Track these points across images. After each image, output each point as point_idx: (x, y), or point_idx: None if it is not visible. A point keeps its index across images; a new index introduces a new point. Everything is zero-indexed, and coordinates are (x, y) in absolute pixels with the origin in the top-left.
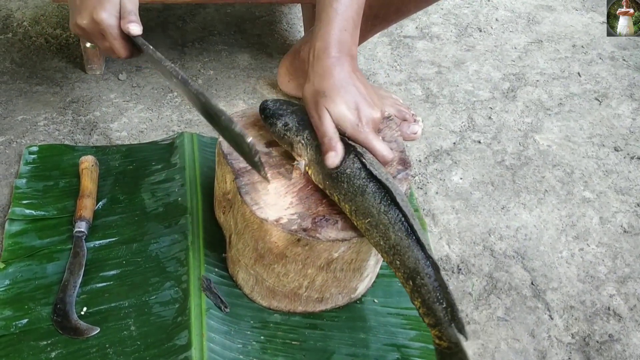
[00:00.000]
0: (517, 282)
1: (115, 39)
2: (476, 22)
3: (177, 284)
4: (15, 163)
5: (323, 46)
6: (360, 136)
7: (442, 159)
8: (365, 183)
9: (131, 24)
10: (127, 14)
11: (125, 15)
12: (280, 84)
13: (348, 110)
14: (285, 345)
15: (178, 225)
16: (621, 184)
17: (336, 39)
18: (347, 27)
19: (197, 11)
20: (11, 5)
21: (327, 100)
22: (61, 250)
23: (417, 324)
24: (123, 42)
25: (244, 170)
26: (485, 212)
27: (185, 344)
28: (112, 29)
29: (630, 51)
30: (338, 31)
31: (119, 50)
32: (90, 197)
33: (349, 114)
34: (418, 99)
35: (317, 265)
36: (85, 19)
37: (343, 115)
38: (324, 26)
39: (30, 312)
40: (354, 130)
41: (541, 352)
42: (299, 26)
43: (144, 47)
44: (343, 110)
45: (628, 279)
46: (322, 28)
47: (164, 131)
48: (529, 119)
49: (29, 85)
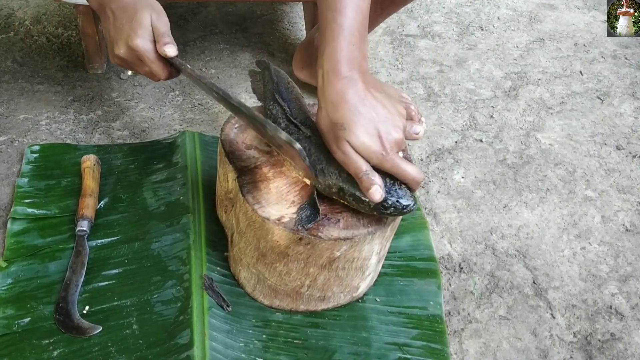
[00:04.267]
0: (519, 281)
1: (153, 63)
2: (478, 21)
3: (179, 282)
4: (17, 162)
5: (332, 67)
6: (387, 165)
7: (443, 158)
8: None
9: (166, 46)
10: (161, 37)
11: (159, 38)
12: (295, 70)
13: (370, 140)
14: (287, 344)
15: (180, 224)
16: (623, 182)
17: (345, 56)
18: (354, 42)
19: (199, 10)
20: (13, 4)
21: (346, 134)
22: (63, 249)
23: (419, 323)
24: (161, 65)
25: (246, 169)
26: (487, 210)
27: (187, 343)
28: (149, 54)
29: (632, 50)
30: (346, 48)
31: (158, 73)
32: (92, 196)
33: (372, 145)
34: (420, 98)
35: (319, 264)
36: (122, 48)
37: (367, 147)
38: (330, 44)
39: (33, 311)
40: (379, 161)
41: (543, 351)
42: (300, 25)
43: (182, 67)
44: (365, 141)
45: (630, 277)
46: (327, 47)
47: (166, 130)
48: (530, 117)
49: (30, 84)
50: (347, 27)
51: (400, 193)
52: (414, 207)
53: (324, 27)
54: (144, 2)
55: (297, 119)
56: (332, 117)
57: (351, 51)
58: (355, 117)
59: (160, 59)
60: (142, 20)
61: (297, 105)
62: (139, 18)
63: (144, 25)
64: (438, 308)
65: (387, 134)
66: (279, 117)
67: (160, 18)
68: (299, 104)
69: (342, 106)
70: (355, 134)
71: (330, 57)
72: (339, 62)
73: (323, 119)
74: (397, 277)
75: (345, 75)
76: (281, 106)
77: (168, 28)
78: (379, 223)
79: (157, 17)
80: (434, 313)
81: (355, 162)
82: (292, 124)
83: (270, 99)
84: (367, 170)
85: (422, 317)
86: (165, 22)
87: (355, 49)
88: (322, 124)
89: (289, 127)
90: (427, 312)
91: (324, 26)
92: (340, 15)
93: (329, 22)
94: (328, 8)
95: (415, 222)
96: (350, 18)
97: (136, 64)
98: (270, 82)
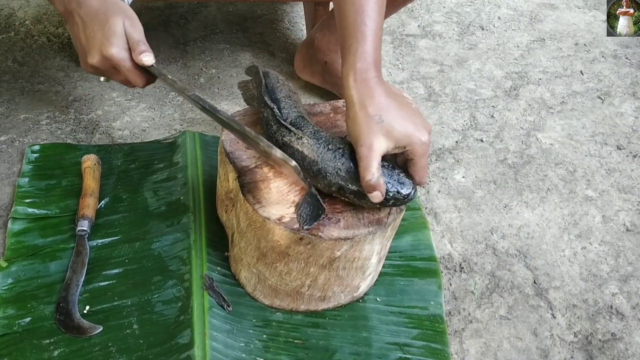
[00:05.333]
0: (519, 281)
1: (130, 71)
2: (478, 21)
3: (180, 282)
4: (17, 162)
5: (364, 67)
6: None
7: (444, 158)
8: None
9: (143, 54)
10: (137, 45)
11: (134, 47)
12: (297, 69)
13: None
14: (287, 344)
15: (180, 224)
16: (624, 182)
17: (374, 59)
18: (379, 46)
19: (199, 10)
20: (13, 4)
21: (384, 126)
22: (64, 249)
23: (420, 323)
24: (138, 72)
25: (247, 169)
26: (488, 210)
27: (188, 343)
28: (124, 62)
29: (633, 49)
30: (374, 50)
31: (135, 81)
32: (92, 196)
33: (412, 130)
34: (420, 98)
35: (320, 263)
36: (96, 57)
37: (405, 133)
38: (361, 45)
39: (33, 311)
40: (417, 145)
41: (544, 351)
42: (300, 24)
43: (161, 77)
44: (404, 129)
45: (630, 277)
46: (359, 47)
47: (166, 130)
48: (531, 117)
49: (31, 84)
50: (374, 30)
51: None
52: (414, 196)
53: (351, 28)
54: (115, 8)
55: (288, 120)
56: (369, 111)
57: (377, 55)
58: (393, 110)
59: (136, 67)
60: (114, 28)
61: (288, 104)
62: (112, 25)
63: (117, 33)
64: (439, 308)
65: (422, 125)
66: (270, 120)
67: (134, 24)
68: (290, 102)
69: (378, 100)
70: (393, 124)
71: (362, 58)
72: (371, 65)
73: (357, 114)
74: (397, 277)
75: (375, 75)
76: (270, 108)
77: (142, 35)
78: (379, 223)
79: (131, 23)
80: (435, 313)
81: (371, 162)
82: (282, 126)
83: (261, 102)
84: (374, 174)
85: (423, 317)
86: (139, 28)
87: (379, 53)
88: (356, 119)
89: (280, 129)
90: (427, 312)
91: (352, 27)
92: (369, 18)
93: (359, 24)
94: (356, 11)
95: (416, 222)
96: (376, 21)
97: (111, 72)
98: (260, 84)
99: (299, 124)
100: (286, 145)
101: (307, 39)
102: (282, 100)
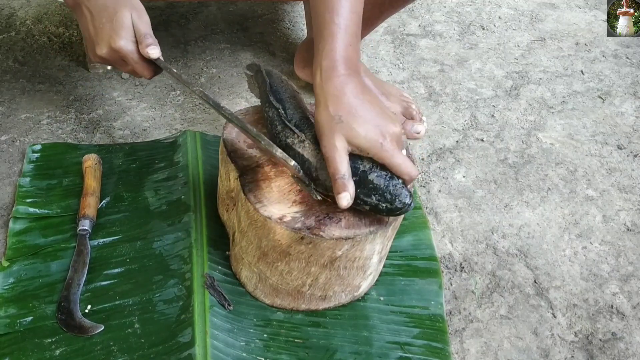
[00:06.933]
0: (520, 281)
1: (137, 63)
2: (479, 20)
3: (181, 281)
4: (18, 161)
5: (331, 65)
6: (385, 154)
7: (445, 157)
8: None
9: (149, 47)
10: (144, 38)
11: (141, 39)
12: (296, 69)
13: (369, 130)
14: (288, 343)
15: (181, 223)
16: (624, 182)
17: (343, 56)
18: (351, 42)
19: (200, 9)
20: (14, 3)
21: (344, 127)
22: (65, 248)
23: (420, 322)
24: (145, 64)
25: (248, 168)
26: (488, 210)
27: (189, 342)
28: (132, 54)
29: (633, 49)
30: (343, 48)
31: (142, 72)
32: (93, 195)
33: (372, 134)
34: (421, 97)
35: (321, 263)
36: (104, 48)
37: (364, 137)
38: (328, 43)
39: (35, 310)
40: (377, 150)
41: (544, 351)
42: (301, 24)
43: (167, 70)
44: (363, 131)
45: (631, 277)
46: (326, 45)
47: (167, 129)
48: (532, 117)
49: (31, 84)
50: (344, 28)
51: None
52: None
53: (321, 26)
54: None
55: (293, 120)
56: (331, 111)
57: (348, 51)
58: (353, 110)
59: (143, 59)
60: (123, 20)
61: (292, 104)
62: (120, 18)
63: (125, 26)
64: (439, 307)
65: (384, 126)
66: (274, 119)
67: (141, 17)
68: (294, 102)
69: (340, 100)
70: (352, 127)
71: (328, 57)
72: (338, 62)
73: (320, 113)
74: (398, 276)
75: (343, 73)
76: (276, 108)
77: (150, 28)
78: (380, 223)
79: (139, 16)
80: (435, 312)
81: (338, 162)
82: (287, 127)
83: (265, 101)
84: (344, 174)
85: (423, 317)
86: (147, 21)
87: (352, 49)
88: (321, 118)
89: (284, 130)
90: (428, 311)
91: (322, 25)
92: (338, 16)
93: (327, 22)
94: (326, 8)
95: (417, 222)
96: (347, 19)
97: (119, 63)
98: (264, 83)
99: (303, 126)
100: (289, 146)
101: (307, 38)
102: (286, 101)
